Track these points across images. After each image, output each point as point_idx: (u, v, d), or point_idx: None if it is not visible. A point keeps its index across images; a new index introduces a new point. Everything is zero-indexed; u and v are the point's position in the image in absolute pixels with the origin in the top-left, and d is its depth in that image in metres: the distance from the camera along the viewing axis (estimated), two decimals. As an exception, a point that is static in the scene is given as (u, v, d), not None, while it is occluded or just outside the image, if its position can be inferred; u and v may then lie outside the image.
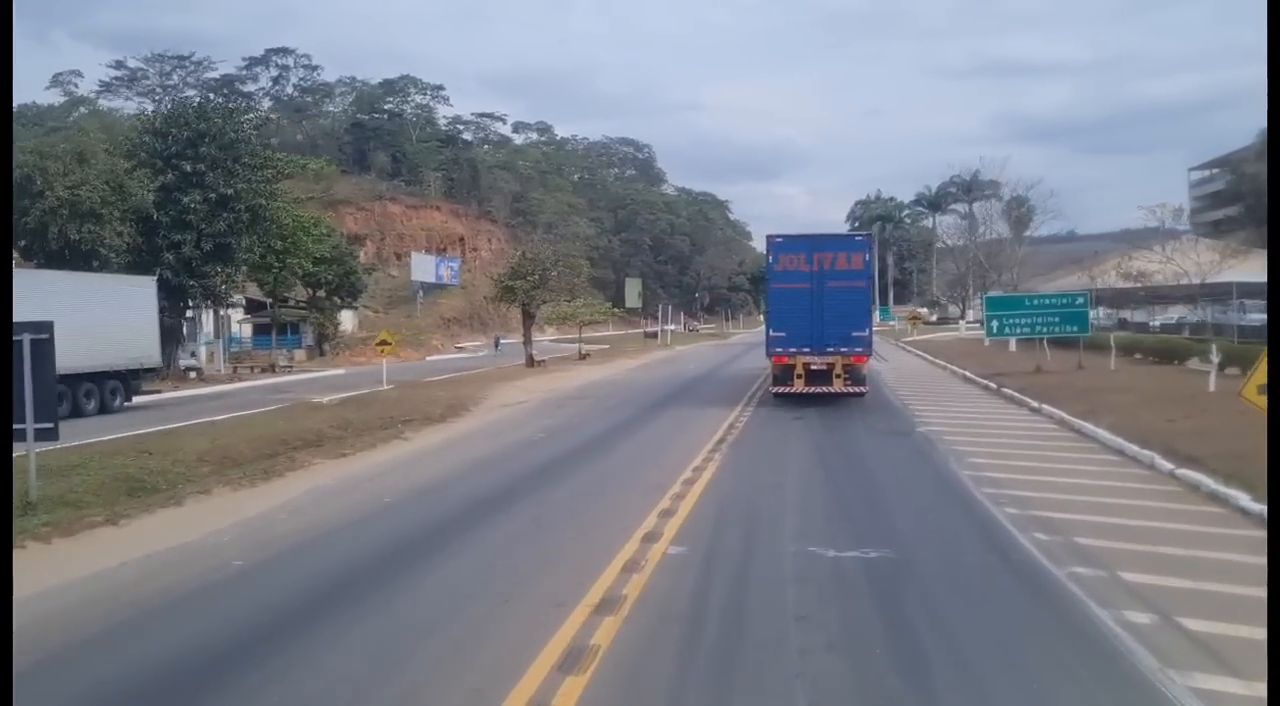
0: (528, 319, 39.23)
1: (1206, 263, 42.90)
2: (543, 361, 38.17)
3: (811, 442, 15.56)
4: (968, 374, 27.41)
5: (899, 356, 40.61)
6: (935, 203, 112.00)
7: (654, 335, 53.76)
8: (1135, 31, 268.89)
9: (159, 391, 25.91)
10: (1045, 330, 24.39)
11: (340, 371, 39.70)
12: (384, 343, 25.89)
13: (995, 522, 9.28)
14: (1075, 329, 24.19)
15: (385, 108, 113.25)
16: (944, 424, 16.83)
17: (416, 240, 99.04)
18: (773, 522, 9.55)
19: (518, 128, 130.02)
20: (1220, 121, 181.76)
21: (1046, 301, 24.28)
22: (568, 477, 12.63)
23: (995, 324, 24.91)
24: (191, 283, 31.57)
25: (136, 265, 29.21)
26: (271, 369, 38.42)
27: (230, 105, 41.55)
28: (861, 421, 18.25)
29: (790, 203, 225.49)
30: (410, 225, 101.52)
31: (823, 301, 20.52)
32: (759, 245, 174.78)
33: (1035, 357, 28.96)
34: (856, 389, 21.00)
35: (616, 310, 53.67)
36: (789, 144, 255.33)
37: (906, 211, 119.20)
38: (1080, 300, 24.18)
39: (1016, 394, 20.74)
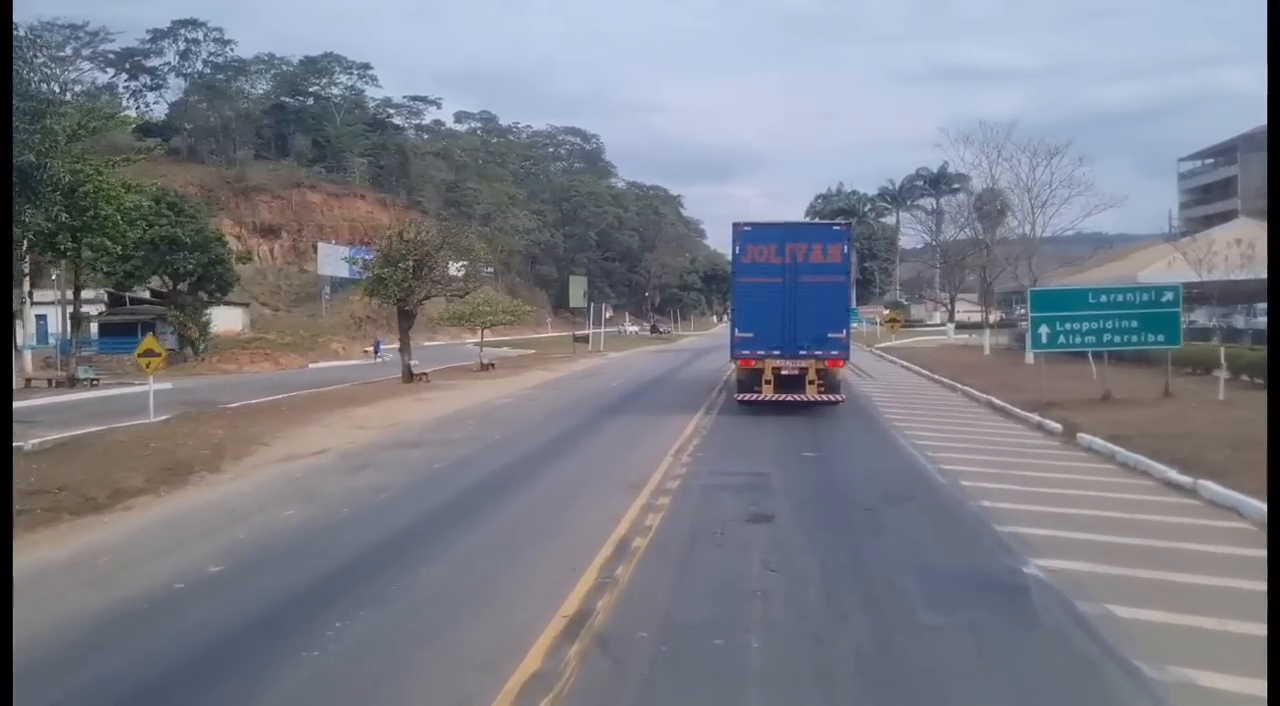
0: (404, 318, 31.08)
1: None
2: (424, 374, 30.02)
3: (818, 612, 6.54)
4: (996, 402, 19.72)
5: (885, 370, 32.78)
6: (899, 197, 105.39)
7: (584, 339, 45.78)
8: (1085, 39, 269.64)
9: None
10: (1119, 340, 16.50)
11: (192, 382, 31.30)
12: (149, 354, 17.50)
13: None
14: (1162, 338, 16.47)
15: (309, 89, 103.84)
16: (1052, 534, 8.29)
17: (338, 231, 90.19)
18: None
19: (460, 117, 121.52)
20: (1168, 129, 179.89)
21: (1120, 298, 16.46)
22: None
23: (1045, 331, 16.79)
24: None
25: None
26: (71, 382, 29.66)
27: None
28: (909, 550, 8.07)
29: (746, 205, 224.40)
30: (331, 215, 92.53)
31: (795, 298, 18.53)
32: (714, 244, 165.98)
33: (1072, 374, 21.44)
34: (831, 397, 19.08)
35: (529, 309, 44.76)
36: (745, 146, 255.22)
37: (869, 206, 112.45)
38: (1169, 296, 16.30)
39: (1123, 451, 12.33)
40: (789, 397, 18.95)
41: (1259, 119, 43.65)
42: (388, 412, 19.72)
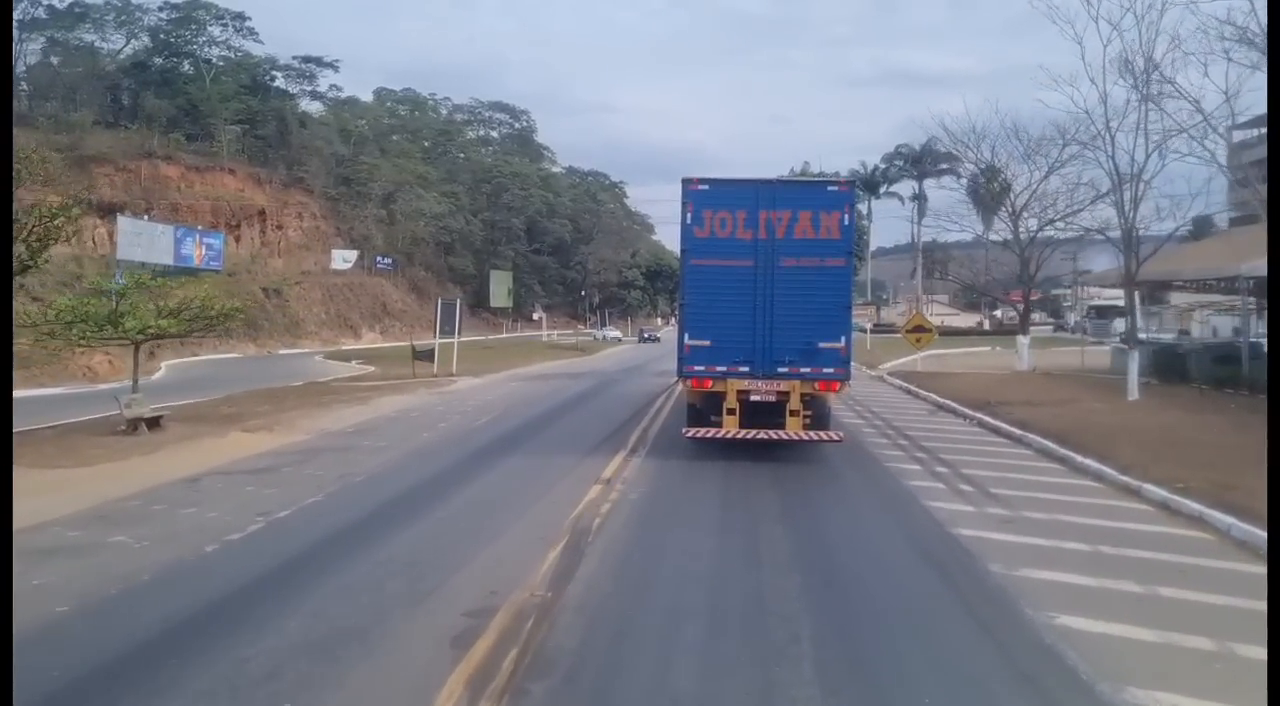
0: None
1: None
2: None
3: None
4: None
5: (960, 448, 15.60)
6: (872, 183, 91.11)
7: (427, 355, 29.29)
8: (1030, 44, 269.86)
9: None
10: None
11: None
12: None
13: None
14: None
15: (187, 49, 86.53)
16: None
17: (199, 212, 73.63)
18: None
19: (381, 95, 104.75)
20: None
21: None
22: None
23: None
24: None
25: None
26: None
27: None
28: None
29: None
30: (191, 192, 75.72)
31: (773, 290, 13.46)
32: (665, 239, 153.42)
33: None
34: (824, 435, 13.64)
35: (239, 308, 22.94)
36: (698, 148, 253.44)
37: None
38: None
39: None
40: (762, 435, 13.40)
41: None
42: None
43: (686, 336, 13.79)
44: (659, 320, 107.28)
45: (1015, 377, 26.82)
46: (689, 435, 13.88)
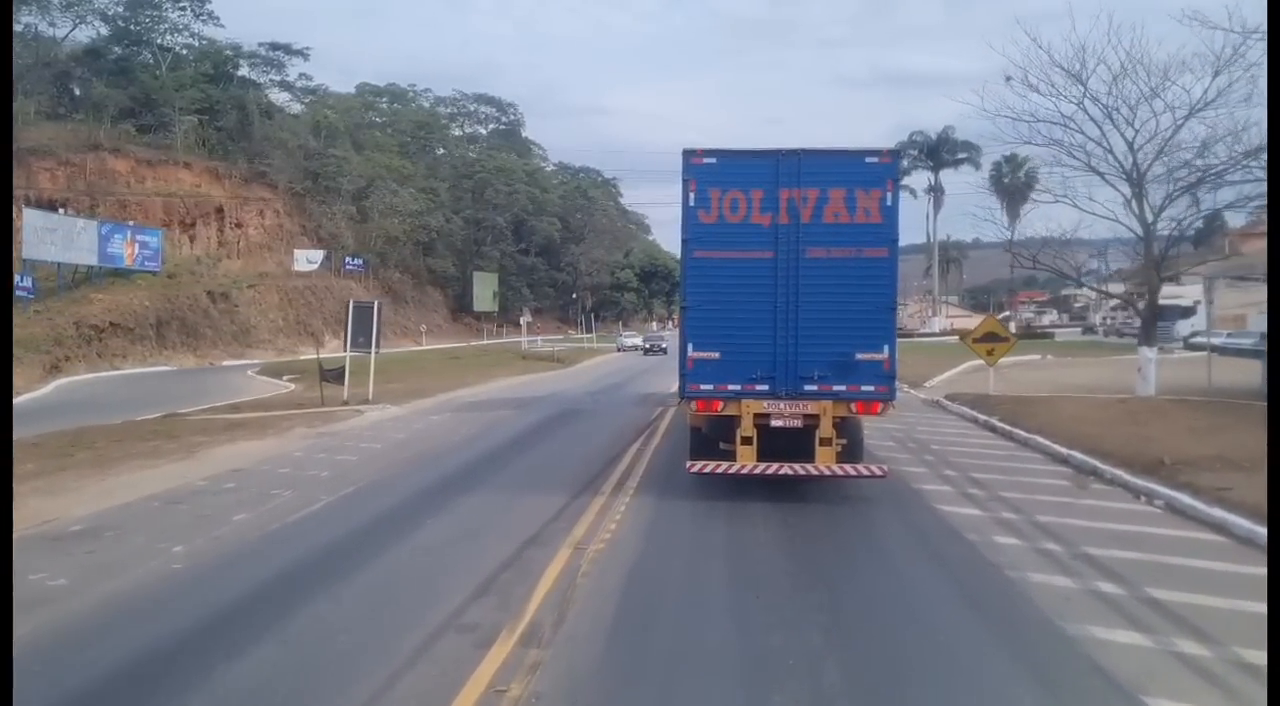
0: None
1: None
2: None
3: None
4: None
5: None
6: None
7: (337, 374, 22.42)
8: (1025, 45, 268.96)
9: None
10: None
11: None
12: None
13: None
14: None
15: (149, 37, 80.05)
16: None
17: (149, 208, 67.39)
18: None
19: (363, 90, 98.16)
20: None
21: None
22: None
23: None
24: None
25: None
26: None
27: None
28: None
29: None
30: (142, 188, 69.33)
31: (798, 288, 11.01)
32: (662, 241, 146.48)
33: None
34: (862, 469, 10.95)
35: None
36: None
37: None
38: None
39: None
40: (785, 470, 10.75)
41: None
42: None
43: (690, 347, 11.33)
44: (654, 324, 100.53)
45: (1146, 407, 18.00)
46: (693, 470, 11.31)
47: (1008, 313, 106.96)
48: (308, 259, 69.01)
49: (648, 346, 59.14)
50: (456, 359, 46.17)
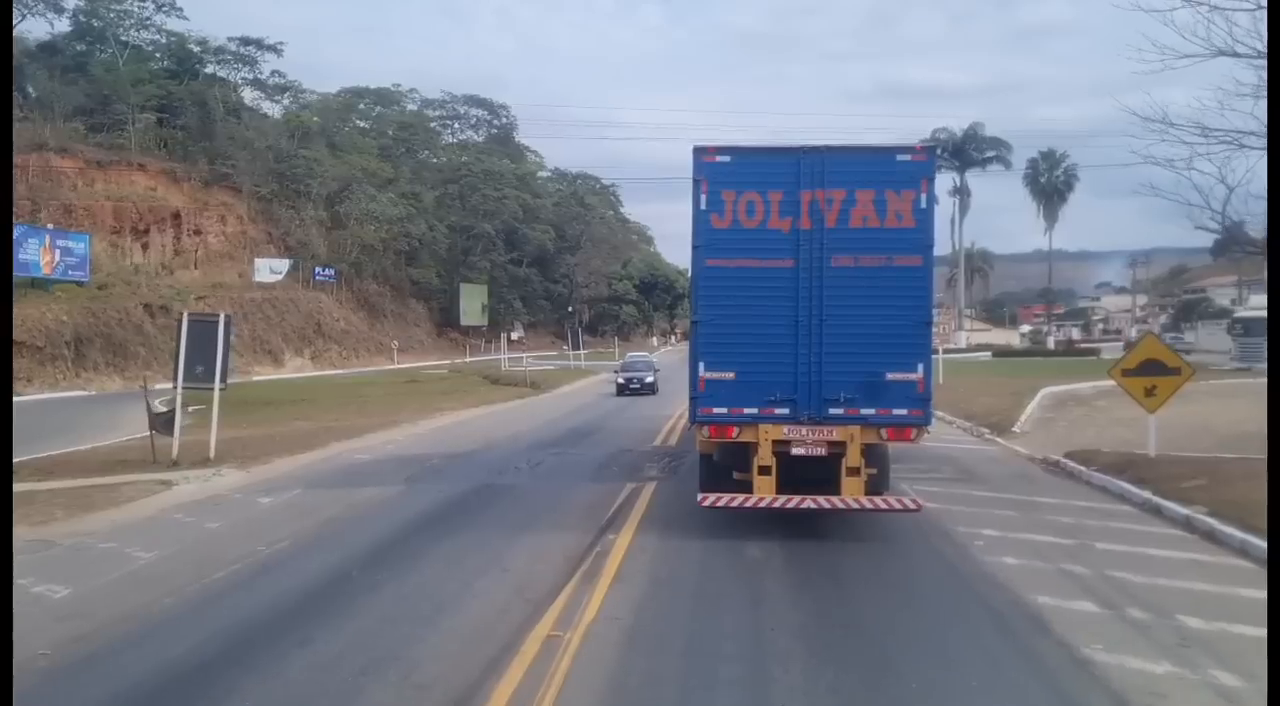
0: None
1: None
2: None
3: None
4: None
5: None
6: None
7: (166, 419, 16.24)
8: (1029, 59, 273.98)
9: None
10: None
11: None
12: None
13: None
14: None
15: (95, 26, 74.17)
16: None
17: (99, 215, 61.32)
18: None
19: (355, 92, 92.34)
20: (1116, 147, 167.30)
21: None
22: None
23: None
24: None
25: None
26: None
27: None
28: None
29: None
30: (91, 191, 63.24)
31: (822, 300, 10.50)
32: (665, 253, 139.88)
33: None
34: (893, 502, 10.44)
35: None
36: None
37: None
38: None
39: None
40: (808, 503, 10.22)
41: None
42: None
43: (701, 366, 10.71)
44: (655, 339, 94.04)
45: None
46: (705, 503, 10.59)
47: (1026, 326, 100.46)
48: (271, 268, 62.71)
49: (623, 381, 38.54)
50: (413, 382, 39.65)
